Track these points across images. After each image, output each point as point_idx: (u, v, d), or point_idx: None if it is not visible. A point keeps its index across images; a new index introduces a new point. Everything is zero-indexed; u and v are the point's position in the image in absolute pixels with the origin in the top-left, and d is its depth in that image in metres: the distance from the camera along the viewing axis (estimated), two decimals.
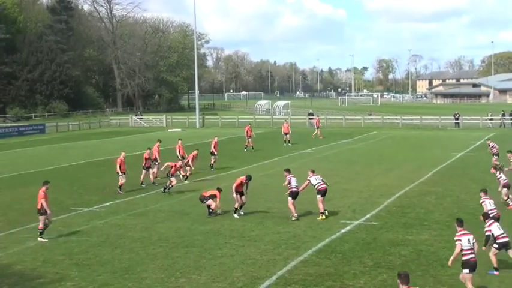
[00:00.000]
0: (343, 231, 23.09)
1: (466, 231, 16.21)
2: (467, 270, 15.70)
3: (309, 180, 25.80)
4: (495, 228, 18.20)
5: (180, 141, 39.54)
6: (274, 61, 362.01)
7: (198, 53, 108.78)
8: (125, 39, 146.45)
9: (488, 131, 70.88)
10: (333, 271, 18.24)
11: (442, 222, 24.31)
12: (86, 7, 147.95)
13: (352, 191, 31.56)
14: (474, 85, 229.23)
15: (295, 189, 25.33)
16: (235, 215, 25.92)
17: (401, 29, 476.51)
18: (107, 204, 29.03)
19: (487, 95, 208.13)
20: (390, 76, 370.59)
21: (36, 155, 53.72)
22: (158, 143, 38.06)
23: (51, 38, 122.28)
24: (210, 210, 26.00)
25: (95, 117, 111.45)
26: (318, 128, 66.66)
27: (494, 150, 38.61)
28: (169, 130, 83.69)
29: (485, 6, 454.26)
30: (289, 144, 55.51)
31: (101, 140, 69.73)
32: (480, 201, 21.97)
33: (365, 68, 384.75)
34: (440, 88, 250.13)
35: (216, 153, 40.78)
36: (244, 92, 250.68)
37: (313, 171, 26.20)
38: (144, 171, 34.79)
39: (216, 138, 41.69)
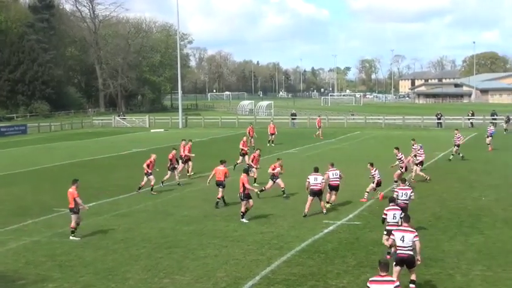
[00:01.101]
0: (326, 231, 23.15)
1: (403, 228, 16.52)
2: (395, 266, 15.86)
3: (327, 173, 27.08)
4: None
5: (183, 142, 39.18)
6: (257, 61, 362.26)
7: (181, 53, 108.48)
8: (107, 39, 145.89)
9: (469, 130, 71.21)
10: (316, 271, 18.29)
11: (424, 221, 24.42)
12: (67, 7, 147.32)
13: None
14: (456, 85, 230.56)
15: (314, 187, 25.73)
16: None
17: (385, 29, 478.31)
18: (90, 205, 28.77)
19: (469, 95, 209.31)
20: (373, 76, 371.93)
21: (19, 156, 53.46)
22: (190, 143, 38.25)
23: (32, 37, 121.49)
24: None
25: (77, 117, 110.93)
26: (319, 128, 66.81)
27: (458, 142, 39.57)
28: (152, 130, 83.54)
29: (468, 6, 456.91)
30: (273, 145, 55.62)
31: (84, 140, 69.48)
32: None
33: (348, 68, 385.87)
34: (423, 88, 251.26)
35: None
36: (227, 92, 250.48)
37: (332, 165, 27.90)
38: (169, 172, 34.35)
39: (190, 143, 40.74)
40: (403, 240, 15.94)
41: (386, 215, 19.13)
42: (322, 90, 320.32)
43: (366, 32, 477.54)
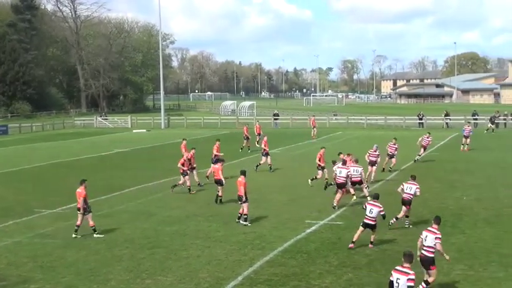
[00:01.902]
0: (308, 231, 23.19)
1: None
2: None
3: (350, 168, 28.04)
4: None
5: (184, 141, 39.12)
6: (240, 62, 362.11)
7: (163, 54, 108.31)
8: (89, 39, 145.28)
9: (448, 131, 71.57)
10: (299, 271, 18.32)
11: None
12: (49, 7, 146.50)
13: (317, 191, 31.65)
14: (437, 85, 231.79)
15: (340, 181, 26.89)
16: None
17: (367, 30, 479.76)
18: (72, 205, 28.63)
19: (450, 95, 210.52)
20: (355, 77, 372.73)
21: (0, 157, 53.09)
22: (218, 143, 38.28)
23: (14, 38, 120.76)
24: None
25: (58, 118, 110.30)
26: (314, 127, 67.20)
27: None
28: (134, 131, 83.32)
29: (449, 7, 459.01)
30: (257, 145, 55.49)
31: (66, 141, 69.14)
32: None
33: (330, 69, 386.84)
34: (404, 88, 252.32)
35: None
36: (209, 93, 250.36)
37: (356, 161, 29.10)
38: (188, 172, 34.14)
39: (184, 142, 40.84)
40: (425, 240, 16.34)
41: (365, 207, 20.75)
42: (304, 90, 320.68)
43: (348, 33, 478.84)
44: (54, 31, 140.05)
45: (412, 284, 12.97)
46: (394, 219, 23.43)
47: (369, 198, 20.91)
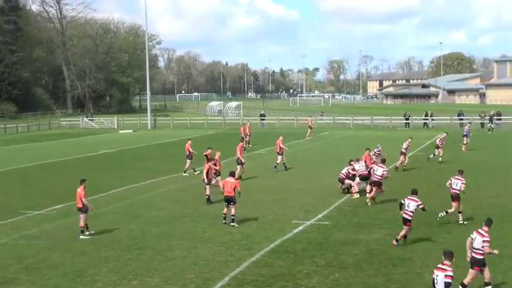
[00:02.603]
0: (295, 231, 23.19)
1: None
2: None
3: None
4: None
5: (189, 142, 39.34)
6: (226, 62, 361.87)
7: (149, 54, 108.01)
8: (75, 40, 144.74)
9: (435, 131, 71.82)
10: (286, 271, 18.31)
11: (393, 221, 24.53)
12: (34, 7, 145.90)
13: (304, 191, 31.71)
14: (423, 86, 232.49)
15: (376, 179, 27.76)
16: None
17: (353, 30, 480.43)
18: (58, 207, 28.66)
19: (436, 96, 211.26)
20: (341, 77, 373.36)
21: None
22: (241, 144, 38.62)
23: None
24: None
25: (44, 119, 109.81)
26: (310, 128, 67.85)
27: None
28: (120, 131, 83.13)
29: (436, 7, 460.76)
30: (250, 145, 55.46)
31: (51, 142, 68.86)
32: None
33: (316, 69, 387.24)
34: (391, 89, 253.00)
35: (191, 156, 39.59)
36: (196, 93, 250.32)
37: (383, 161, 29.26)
38: (239, 166, 33.99)
39: (189, 142, 40.49)
40: (474, 241, 16.50)
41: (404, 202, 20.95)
42: (291, 91, 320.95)
43: (334, 33, 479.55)
44: (40, 32, 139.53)
45: (449, 280, 13.28)
46: (444, 213, 23.90)
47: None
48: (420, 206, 20.71)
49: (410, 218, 20.59)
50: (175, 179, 36.81)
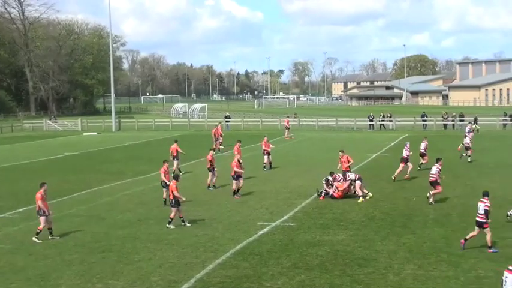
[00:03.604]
0: (260, 233, 23.21)
1: None
2: None
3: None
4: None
5: (176, 143, 39.35)
6: (191, 64, 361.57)
7: (113, 56, 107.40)
8: (37, 41, 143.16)
9: (399, 132, 72.44)
10: (251, 273, 18.31)
11: (358, 222, 24.73)
12: None
13: (269, 192, 31.76)
14: (387, 87, 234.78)
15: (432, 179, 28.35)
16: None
17: (318, 32, 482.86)
18: (21, 210, 28.34)
19: (400, 97, 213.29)
20: (306, 79, 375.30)
21: None
22: (238, 143, 38.34)
23: None
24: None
25: (7, 121, 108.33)
26: (287, 128, 68.64)
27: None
28: (84, 134, 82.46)
29: (400, 9, 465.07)
30: (221, 147, 55.22)
31: (14, 144, 67.98)
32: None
33: (281, 71, 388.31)
34: (355, 91, 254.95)
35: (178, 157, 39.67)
36: (160, 95, 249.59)
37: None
38: (210, 173, 33.69)
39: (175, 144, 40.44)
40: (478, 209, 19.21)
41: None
42: (255, 93, 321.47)
43: (299, 35, 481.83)
44: (2, 33, 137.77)
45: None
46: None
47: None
48: (485, 208, 20.21)
49: (484, 221, 20.13)
50: (140, 181, 36.63)
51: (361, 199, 29.01)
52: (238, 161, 32.14)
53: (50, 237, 22.86)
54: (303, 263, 19.17)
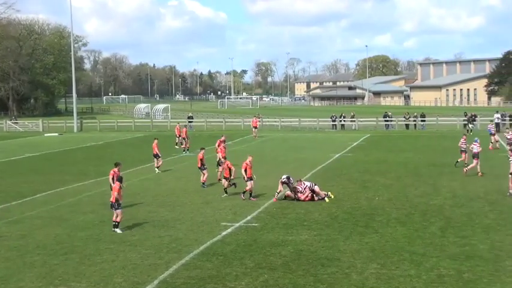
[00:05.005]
0: (224, 233, 23.17)
1: None
2: None
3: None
4: None
5: (156, 141, 40.15)
6: (154, 64, 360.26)
7: (75, 56, 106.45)
8: None
9: (361, 132, 72.94)
10: (215, 273, 18.28)
11: (321, 222, 24.82)
12: None
13: (232, 193, 31.70)
14: (350, 88, 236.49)
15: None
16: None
17: (281, 33, 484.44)
18: None
19: (362, 98, 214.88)
20: (269, 79, 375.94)
21: None
22: (223, 141, 39.61)
23: None
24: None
25: None
26: (255, 128, 69.29)
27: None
28: (46, 134, 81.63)
29: (362, 10, 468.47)
30: (177, 147, 54.97)
31: None
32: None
33: (244, 71, 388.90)
34: (318, 91, 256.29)
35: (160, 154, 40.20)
36: (123, 96, 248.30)
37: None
38: (203, 172, 33.46)
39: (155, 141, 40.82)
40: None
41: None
42: (219, 93, 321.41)
43: (262, 35, 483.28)
44: None
45: None
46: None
47: None
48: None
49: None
50: (103, 182, 36.30)
51: (327, 199, 29.13)
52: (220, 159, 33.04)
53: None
54: (266, 263, 19.19)
